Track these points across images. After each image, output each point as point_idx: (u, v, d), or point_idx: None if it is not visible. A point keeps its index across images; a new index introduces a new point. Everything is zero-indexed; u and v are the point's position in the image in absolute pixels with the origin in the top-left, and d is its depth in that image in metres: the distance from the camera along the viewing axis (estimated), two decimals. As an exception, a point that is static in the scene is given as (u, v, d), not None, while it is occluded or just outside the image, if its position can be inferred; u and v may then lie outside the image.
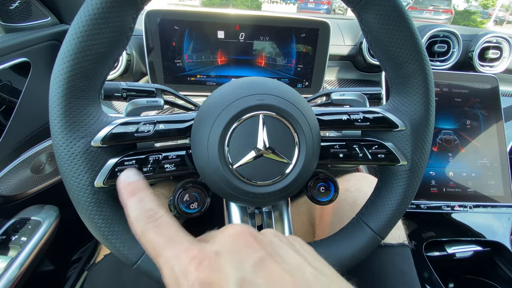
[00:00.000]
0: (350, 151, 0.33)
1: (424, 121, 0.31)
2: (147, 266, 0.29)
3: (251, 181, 0.28)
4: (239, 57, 0.58)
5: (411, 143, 0.31)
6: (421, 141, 0.31)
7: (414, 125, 0.31)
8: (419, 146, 0.31)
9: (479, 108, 0.61)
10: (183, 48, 0.56)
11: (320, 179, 0.35)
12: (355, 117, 0.33)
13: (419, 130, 0.31)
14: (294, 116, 0.28)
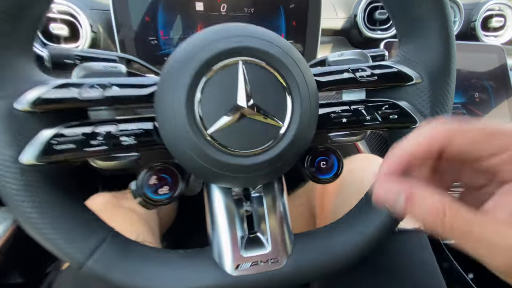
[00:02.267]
0: (355, 115, 0.27)
1: (444, 69, 0.25)
2: (100, 266, 0.22)
3: (231, 150, 0.21)
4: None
5: (430, 98, 0.26)
6: (442, 94, 0.26)
7: (433, 75, 0.25)
8: (439, 100, 0.26)
9: (486, 79, 0.56)
10: (157, 23, 0.50)
11: (319, 153, 0.29)
12: (360, 74, 0.27)
13: (438, 80, 0.25)
14: (285, 64, 0.21)
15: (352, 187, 0.39)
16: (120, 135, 0.23)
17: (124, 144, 0.23)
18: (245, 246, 0.26)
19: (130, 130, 0.24)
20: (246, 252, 0.25)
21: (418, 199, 0.15)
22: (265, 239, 0.26)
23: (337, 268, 0.26)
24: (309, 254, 0.26)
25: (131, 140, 0.23)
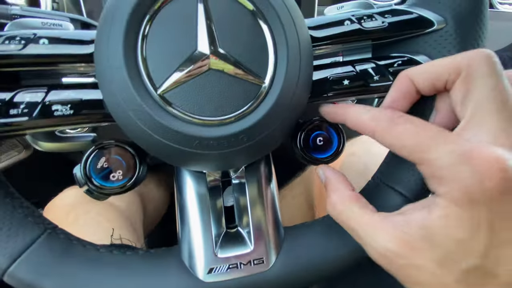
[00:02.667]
0: (361, 75, 0.21)
1: (475, 8, 0.19)
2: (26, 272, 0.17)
3: (193, 116, 0.16)
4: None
5: (457, 46, 0.20)
6: (472, 40, 0.20)
7: (460, 16, 0.20)
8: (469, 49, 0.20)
9: (504, 50, 0.50)
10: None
11: (315, 127, 0.23)
12: (366, 23, 0.21)
13: (467, 23, 0.20)
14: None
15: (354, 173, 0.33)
16: (52, 103, 0.18)
17: (57, 115, 0.18)
18: (222, 244, 0.20)
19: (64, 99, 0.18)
20: (223, 251, 0.20)
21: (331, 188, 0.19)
22: (247, 234, 0.21)
23: (338, 269, 0.21)
24: (303, 252, 0.21)
25: (66, 110, 0.18)
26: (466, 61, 0.15)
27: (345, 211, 0.18)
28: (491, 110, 0.14)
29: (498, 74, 0.15)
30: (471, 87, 0.15)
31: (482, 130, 0.14)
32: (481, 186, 0.13)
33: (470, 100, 0.15)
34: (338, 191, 0.19)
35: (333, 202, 0.18)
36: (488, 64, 0.15)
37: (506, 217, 0.13)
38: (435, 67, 0.17)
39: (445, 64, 0.16)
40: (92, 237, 0.36)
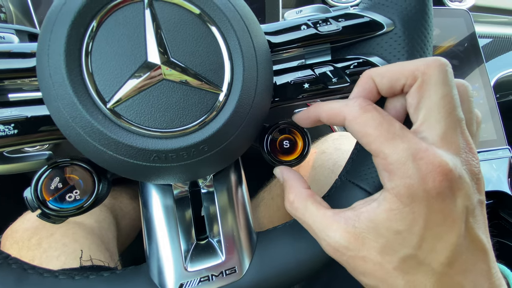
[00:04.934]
0: (320, 78, 0.22)
1: (419, 8, 0.20)
2: None
3: (147, 129, 0.15)
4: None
5: (406, 47, 0.21)
6: (419, 40, 0.21)
7: (406, 19, 0.21)
8: (417, 49, 0.21)
9: (457, 45, 0.54)
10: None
11: (281, 130, 0.23)
12: (321, 27, 0.21)
13: (414, 24, 0.21)
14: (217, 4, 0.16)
15: (325, 170, 0.34)
16: None
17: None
18: (192, 257, 0.20)
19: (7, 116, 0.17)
20: (194, 264, 0.19)
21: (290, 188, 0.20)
22: (217, 245, 0.21)
23: (312, 270, 0.21)
24: (276, 257, 0.21)
25: (9, 130, 0.16)
26: (422, 68, 0.16)
27: (300, 209, 0.18)
28: (440, 117, 0.15)
29: (449, 84, 0.16)
30: (424, 94, 0.16)
31: (431, 134, 0.15)
32: (423, 185, 0.14)
33: (423, 106, 0.16)
34: (294, 190, 0.19)
35: (290, 200, 0.19)
36: (441, 74, 0.16)
37: (441, 215, 0.14)
38: (394, 72, 0.18)
39: (404, 70, 0.17)
40: (56, 262, 0.34)
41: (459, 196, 0.14)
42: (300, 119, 0.21)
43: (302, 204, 0.19)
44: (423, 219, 0.14)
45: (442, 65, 0.16)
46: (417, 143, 0.15)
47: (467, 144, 0.15)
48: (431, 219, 0.14)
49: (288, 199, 0.20)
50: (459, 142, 0.15)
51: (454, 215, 0.14)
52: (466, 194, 0.14)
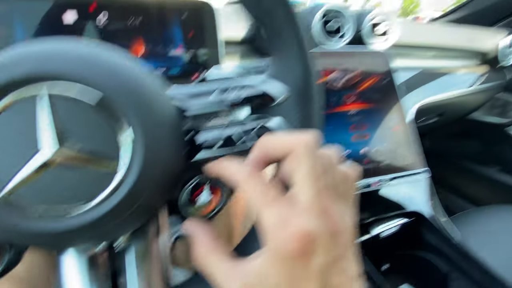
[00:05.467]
0: (227, 141, 0.24)
1: (306, 82, 0.24)
2: None
3: (44, 213, 0.16)
4: (103, 46, 0.45)
5: (298, 114, 0.24)
6: (308, 109, 0.24)
7: (297, 90, 0.24)
8: (307, 116, 0.24)
9: (376, 82, 0.61)
10: (15, 38, 0.40)
11: (198, 184, 0.25)
12: (227, 95, 0.24)
13: (303, 95, 0.24)
14: (111, 87, 0.17)
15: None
16: None
17: None
18: None
19: None
20: None
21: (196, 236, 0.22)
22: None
23: None
24: None
25: None
26: (293, 143, 0.19)
27: (205, 261, 0.20)
28: (307, 186, 0.18)
29: (315, 158, 0.19)
30: (295, 166, 0.19)
31: (300, 200, 0.18)
32: (287, 248, 0.17)
33: (295, 174, 0.19)
34: (200, 243, 0.21)
35: (196, 254, 0.21)
36: (307, 148, 0.19)
37: (302, 272, 0.17)
38: (277, 143, 0.21)
39: (283, 142, 0.20)
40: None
41: (314, 256, 0.17)
42: (207, 172, 0.24)
43: (207, 257, 0.20)
44: (288, 277, 0.17)
45: (309, 141, 0.19)
46: (286, 210, 0.17)
47: (327, 208, 0.18)
48: (294, 277, 0.17)
49: (194, 252, 0.21)
50: (320, 207, 0.18)
51: (312, 273, 0.17)
52: (321, 253, 0.17)
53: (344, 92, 0.59)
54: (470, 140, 1.23)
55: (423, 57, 0.85)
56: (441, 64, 0.86)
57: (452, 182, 1.30)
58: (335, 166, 0.21)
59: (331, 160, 0.21)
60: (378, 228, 0.53)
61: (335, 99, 0.58)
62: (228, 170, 0.21)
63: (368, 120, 0.58)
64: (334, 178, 0.20)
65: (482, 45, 0.90)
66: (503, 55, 0.93)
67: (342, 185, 0.21)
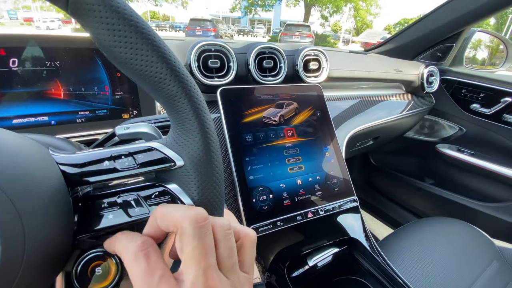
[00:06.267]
0: (124, 208, 0.24)
1: (204, 151, 0.24)
2: None
3: None
4: (17, 90, 0.42)
5: (195, 181, 0.24)
6: (206, 176, 0.25)
7: (193, 158, 0.24)
8: (205, 182, 0.25)
9: (311, 115, 0.65)
10: None
11: (95, 257, 0.24)
12: (121, 162, 0.24)
13: (200, 163, 0.25)
14: None
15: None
16: None
17: None
18: None
19: None
20: None
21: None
22: None
23: None
24: None
25: None
26: (180, 221, 0.20)
27: None
28: (191, 266, 0.19)
29: (199, 236, 0.20)
30: (182, 243, 0.20)
31: (187, 279, 0.19)
32: None
33: (182, 253, 0.20)
34: None
35: None
36: (192, 228, 0.20)
37: None
38: (166, 219, 0.21)
39: (171, 219, 0.21)
40: None
41: None
42: (105, 245, 0.23)
43: None
44: None
45: (194, 220, 0.20)
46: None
47: (212, 285, 0.19)
48: None
49: None
50: (205, 285, 0.18)
51: None
52: None
53: (281, 126, 0.61)
54: (408, 157, 1.36)
55: (358, 87, 0.93)
56: (374, 93, 0.95)
57: (396, 195, 1.41)
58: (225, 237, 0.21)
59: (222, 231, 0.21)
60: (315, 258, 0.55)
61: (272, 133, 0.60)
62: (119, 244, 0.21)
63: (303, 152, 0.61)
64: (224, 250, 0.21)
65: (407, 75, 1.02)
66: (427, 84, 1.06)
67: (234, 255, 0.22)
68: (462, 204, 1.16)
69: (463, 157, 1.11)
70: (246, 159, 0.56)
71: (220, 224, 0.22)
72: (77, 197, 0.24)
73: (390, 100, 0.99)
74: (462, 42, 1.13)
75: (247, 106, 0.59)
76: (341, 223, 0.60)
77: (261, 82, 0.64)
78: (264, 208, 0.53)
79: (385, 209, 1.43)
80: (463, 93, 1.12)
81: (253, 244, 0.24)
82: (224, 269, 0.20)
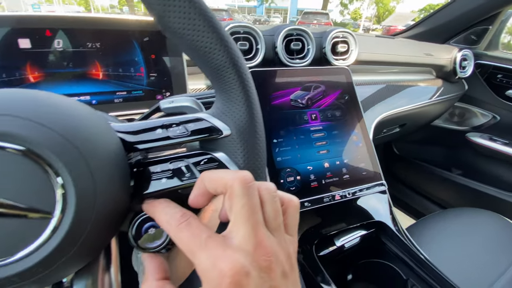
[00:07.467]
0: (175, 174, 0.25)
1: (249, 121, 0.25)
2: None
3: None
4: (61, 70, 0.45)
5: (241, 149, 0.25)
6: (251, 145, 0.26)
7: (239, 127, 0.25)
8: (250, 151, 0.26)
9: (339, 98, 0.65)
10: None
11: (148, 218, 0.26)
12: (173, 130, 0.25)
13: (245, 132, 0.25)
14: (34, 139, 0.17)
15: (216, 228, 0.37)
16: None
17: None
18: None
19: None
20: None
21: None
22: None
23: None
24: None
25: None
26: (229, 182, 0.21)
27: None
28: (241, 223, 0.20)
29: (248, 195, 0.20)
30: (231, 202, 0.20)
31: (235, 236, 0.20)
32: (221, 287, 0.17)
33: (231, 211, 0.20)
34: (147, 281, 0.22)
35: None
36: (241, 188, 0.20)
37: None
38: (215, 181, 0.22)
39: (220, 181, 0.21)
40: None
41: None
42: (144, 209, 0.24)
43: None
44: None
45: (243, 181, 0.21)
46: (216, 251, 0.19)
47: (260, 242, 0.20)
48: None
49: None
50: (253, 242, 0.19)
51: None
52: (257, 285, 0.18)
53: (308, 109, 0.61)
54: (435, 146, 1.31)
55: (385, 71, 0.90)
56: (402, 78, 0.92)
57: (420, 186, 1.37)
58: (271, 199, 0.22)
59: (268, 194, 0.22)
60: (342, 239, 0.55)
61: (300, 115, 0.60)
62: (160, 217, 0.22)
63: (331, 135, 0.61)
64: (270, 211, 0.22)
65: (438, 60, 0.97)
66: (460, 68, 1.01)
67: (280, 216, 0.23)
68: (492, 195, 1.11)
69: (496, 146, 1.06)
70: (274, 141, 0.56)
71: (266, 186, 0.23)
72: (130, 164, 0.25)
73: (419, 86, 0.96)
74: (498, 24, 1.06)
75: (274, 89, 0.59)
76: (369, 207, 0.59)
77: (288, 65, 0.64)
78: (292, 189, 0.53)
79: (408, 200, 1.39)
80: (499, 79, 1.05)
81: (296, 209, 0.25)
82: (270, 229, 0.21)
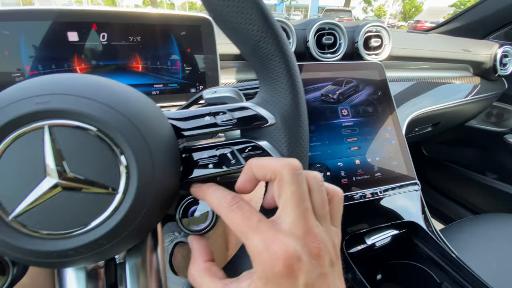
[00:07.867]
0: (221, 160, 0.26)
1: (294, 109, 0.26)
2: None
3: (47, 232, 0.18)
4: (105, 62, 0.47)
5: (285, 138, 0.26)
6: (295, 134, 0.26)
7: (284, 116, 0.26)
8: (294, 140, 0.26)
9: (371, 94, 0.63)
10: (21, 58, 0.42)
11: (192, 201, 0.27)
12: (220, 118, 0.26)
13: (290, 121, 0.26)
14: (105, 120, 0.19)
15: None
16: None
17: None
18: None
19: None
20: None
21: None
22: None
23: None
24: None
25: None
26: (279, 169, 0.21)
27: (197, 281, 0.22)
28: (290, 209, 0.20)
29: (298, 182, 0.21)
30: (280, 189, 0.21)
31: (284, 221, 0.20)
32: (272, 269, 0.18)
33: (281, 197, 0.21)
34: (195, 263, 0.23)
35: (191, 272, 0.22)
36: (290, 175, 0.21)
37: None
38: (263, 167, 0.22)
39: (269, 167, 0.22)
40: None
41: (300, 274, 0.18)
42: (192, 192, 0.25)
43: (199, 277, 0.22)
44: None
45: (293, 168, 0.21)
46: (268, 234, 0.19)
47: (310, 229, 0.20)
48: None
49: (189, 271, 0.23)
50: (303, 228, 0.19)
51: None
52: (306, 272, 0.18)
53: (339, 104, 0.60)
54: (467, 148, 1.24)
55: (418, 68, 0.87)
56: (436, 75, 0.88)
57: (450, 190, 1.30)
58: (319, 188, 0.22)
59: (315, 183, 0.22)
60: (373, 238, 0.54)
61: (331, 111, 0.59)
62: (211, 199, 0.23)
63: (362, 132, 0.60)
64: (318, 200, 0.22)
65: (476, 56, 0.92)
66: (500, 65, 0.95)
67: (326, 206, 0.23)
68: (531, 202, 1.04)
69: (537, 149, 0.98)
70: (305, 135, 0.56)
71: (313, 175, 0.23)
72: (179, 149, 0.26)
73: (453, 83, 0.91)
74: (545, 18, 0.98)
75: (305, 83, 0.59)
76: (399, 206, 0.58)
77: (319, 59, 0.63)
78: (322, 185, 0.53)
79: (436, 204, 1.33)
80: (544, 77, 0.98)
81: (341, 200, 0.25)
82: (318, 218, 0.21)
